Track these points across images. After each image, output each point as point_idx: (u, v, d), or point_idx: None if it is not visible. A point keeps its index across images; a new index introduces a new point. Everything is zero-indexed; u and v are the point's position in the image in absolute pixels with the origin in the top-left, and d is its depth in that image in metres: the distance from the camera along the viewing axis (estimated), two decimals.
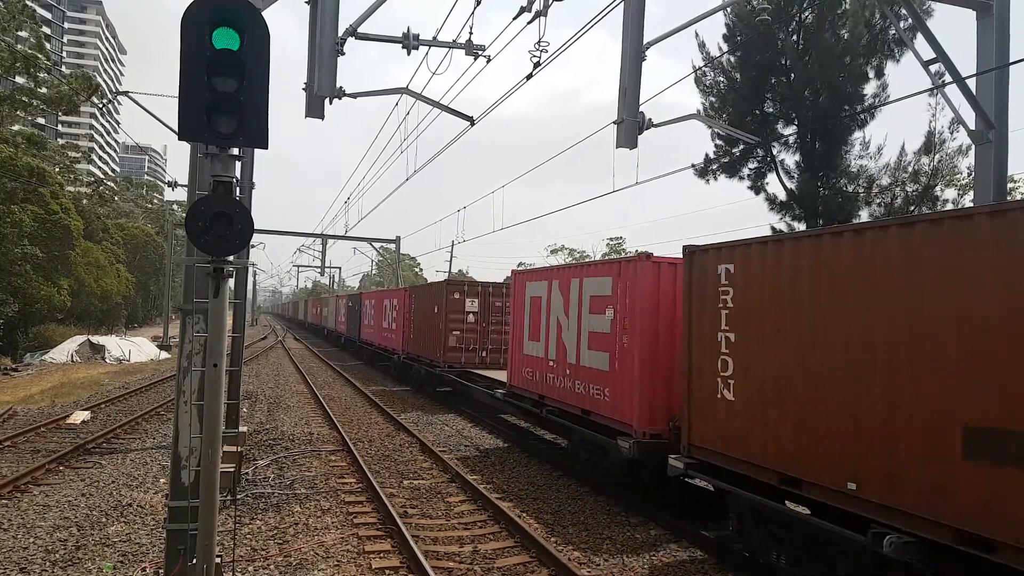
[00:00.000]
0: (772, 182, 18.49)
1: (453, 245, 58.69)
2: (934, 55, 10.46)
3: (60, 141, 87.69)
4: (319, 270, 63.88)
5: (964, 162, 16.01)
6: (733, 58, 18.44)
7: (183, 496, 5.37)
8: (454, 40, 11.46)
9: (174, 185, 31.79)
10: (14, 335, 37.68)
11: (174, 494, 5.53)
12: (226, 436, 6.89)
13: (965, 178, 16.12)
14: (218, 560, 4.89)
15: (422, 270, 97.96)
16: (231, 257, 4.45)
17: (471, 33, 11.47)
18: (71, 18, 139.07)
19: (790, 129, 18.12)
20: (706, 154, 19.16)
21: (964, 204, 16.32)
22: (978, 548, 5.48)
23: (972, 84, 10.56)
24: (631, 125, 10.95)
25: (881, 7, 14.03)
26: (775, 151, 18.21)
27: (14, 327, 37.31)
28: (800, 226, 17.78)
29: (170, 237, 45.23)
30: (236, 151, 4.51)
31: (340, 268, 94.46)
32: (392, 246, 47.74)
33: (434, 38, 11.45)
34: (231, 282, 4.81)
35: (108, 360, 35.33)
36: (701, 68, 18.47)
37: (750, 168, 18.78)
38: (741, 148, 18.44)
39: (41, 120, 67.53)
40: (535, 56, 10.92)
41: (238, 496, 10.42)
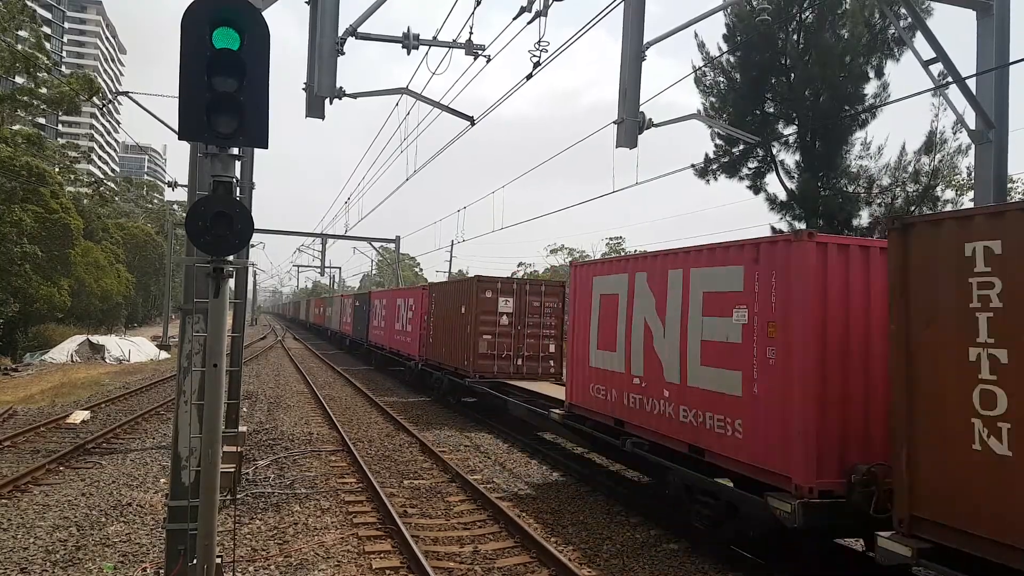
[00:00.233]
0: (772, 182, 18.51)
1: (453, 245, 58.76)
2: (934, 55, 10.46)
3: (60, 141, 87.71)
4: (319, 270, 63.94)
5: (964, 162, 16.02)
6: (733, 58, 18.44)
7: (183, 496, 5.37)
8: (454, 40, 11.46)
9: (174, 185, 31.80)
10: (14, 335, 37.69)
11: (174, 494, 5.53)
12: (226, 436, 6.89)
13: (964, 178, 16.13)
14: (218, 560, 4.89)
15: (422, 270, 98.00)
16: (231, 257, 4.46)
17: (471, 33, 11.48)
18: (71, 18, 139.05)
19: (790, 129, 18.12)
20: (706, 154, 19.18)
21: (963, 204, 16.32)
22: None
23: (972, 84, 10.56)
24: (631, 125, 10.96)
25: (881, 6, 14.03)
26: (775, 151, 18.22)
27: (14, 327, 37.32)
28: (800, 226, 17.79)
29: (170, 237, 45.24)
30: (236, 151, 4.52)
31: (340, 268, 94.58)
32: (392, 246, 47.77)
33: (434, 38, 11.46)
34: (231, 282, 4.81)
35: (108, 360, 35.34)
36: (701, 68, 18.47)
37: (750, 168, 18.79)
38: (741, 148, 18.44)
39: (41, 120, 67.48)
40: (535, 56, 10.93)
41: (238, 496, 10.42)
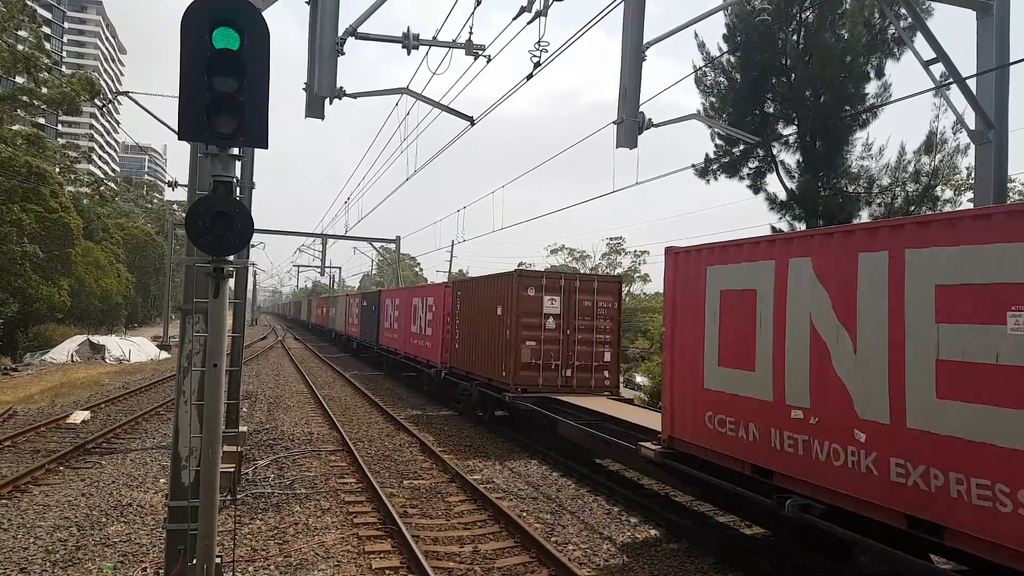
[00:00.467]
0: (772, 182, 18.50)
1: (453, 245, 58.73)
2: (934, 55, 10.46)
3: (60, 141, 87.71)
4: (319, 270, 63.95)
5: (964, 162, 16.02)
6: (733, 58, 18.44)
7: (183, 496, 5.37)
8: (454, 40, 11.46)
9: (174, 185, 31.79)
10: (14, 335, 37.69)
11: (174, 494, 5.53)
12: (226, 436, 6.89)
13: (963, 178, 16.11)
14: (218, 560, 4.89)
15: (422, 270, 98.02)
16: (231, 257, 4.46)
17: (471, 33, 11.48)
18: (71, 18, 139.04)
19: (790, 129, 18.12)
20: (706, 154, 19.18)
21: (962, 204, 16.30)
22: None
23: (972, 84, 10.56)
24: (631, 125, 10.96)
25: (881, 7, 14.03)
26: (775, 151, 18.22)
27: (14, 327, 37.32)
28: (800, 226, 17.79)
29: (170, 237, 45.24)
30: (236, 151, 4.52)
31: (340, 268, 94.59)
32: (392, 246, 47.77)
33: (434, 38, 11.46)
34: (231, 282, 4.81)
35: (108, 360, 35.33)
36: (701, 68, 18.47)
37: (750, 168, 18.78)
38: (741, 148, 18.44)
39: (41, 120, 67.53)
40: (535, 56, 10.93)
41: (238, 496, 10.42)
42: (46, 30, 78.32)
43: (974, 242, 5.83)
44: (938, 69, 11.00)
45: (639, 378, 27.28)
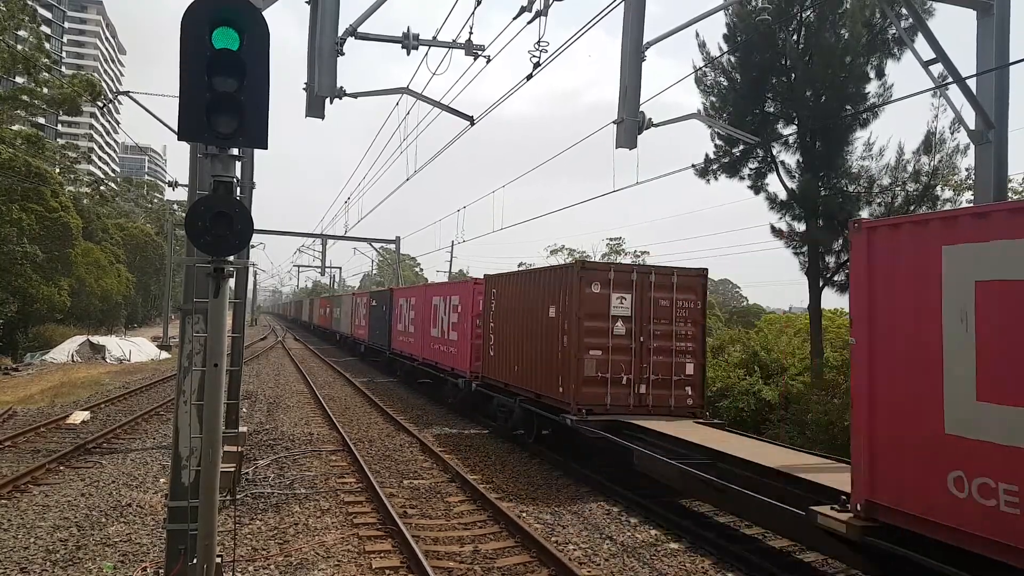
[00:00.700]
0: (772, 182, 18.48)
1: (453, 245, 58.74)
2: (934, 55, 10.46)
3: (60, 141, 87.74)
4: (319, 270, 63.98)
5: (964, 162, 16.02)
6: (733, 58, 18.43)
7: (183, 496, 5.37)
8: (454, 40, 11.47)
9: (174, 185, 31.80)
10: (14, 335, 37.71)
11: (174, 494, 5.53)
12: (226, 436, 6.89)
13: (963, 178, 16.10)
14: (218, 560, 4.89)
15: (422, 270, 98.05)
16: (231, 257, 4.46)
17: (471, 33, 11.48)
18: (71, 18, 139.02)
19: (790, 129, 18.11)
20: (706, 154, 19.16)
21: (961, 204, 16.27)
22: None
23: (972, 84, 10.56)
24: (631, 125, 10.96)
25: (881, 6, 14.03)
26: (775, 151, 18.21)
27: (14, 327, 37.35)
28: (800, 226, 17.79)
29: (170, 237, 45.25)
30: (236, 151, 4.52)
31: (340, 268, 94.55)
32: (392, 246, 47.79)
33: (434, 38, 11.46)
34: (231, 282, 4.81)
35: (108, 360, 35.35)
36: (701, 68, 18.47)
37: (750, 168, 18.77)
38: (741, 148, 18.43)
39: (41, 120, 67.56)
40: (535, 56, 10.93)
41: (238, 496, 10.42)
42: (46, 30, 78.36)
43: None
44: (938, 69, 11.01)
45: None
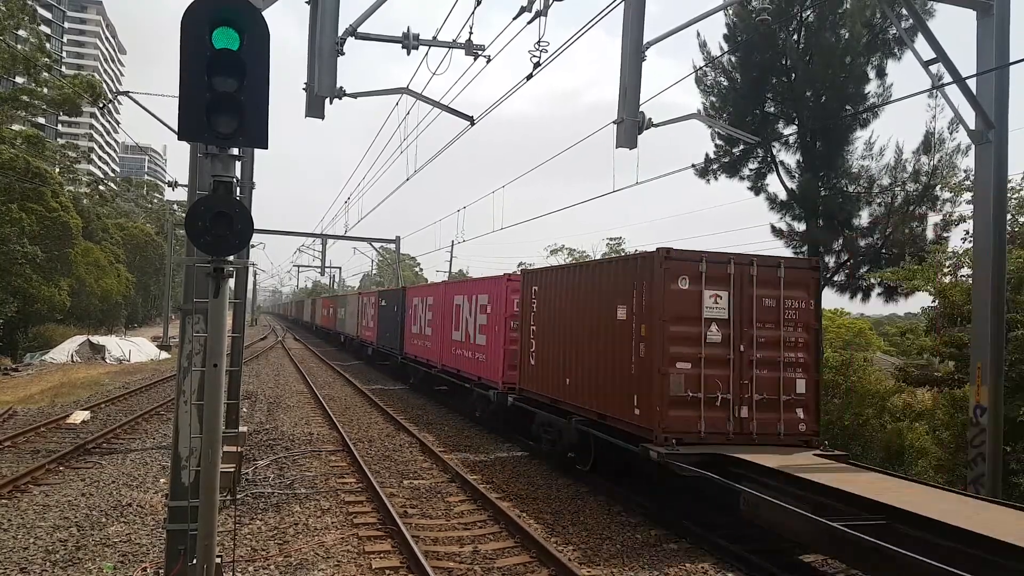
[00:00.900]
0: (772, 182, 18.48)
1: (453, 245, 58.69)
2: (934, 55, 10.47)
3: (60, 141, 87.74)
4: (319, 270, 63.98)
5: (964, 162, 16.02)
6: (734, 58, 18.43)
7: (183, 496, 5.38)
8: (454, 40, 11.45)
9: (174, 185, 31.80)
10: (14, 335, 37.73)
11: (174, 494, 5.54)
12: (226, 436, 6.89)
13: (961, 179, 16.09)
14: (218, 560, 4.89)
15: (422, 270, 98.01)
16: (231, 257, 4.46)
17: (471, 33, 11.47)
18: (71, 18, 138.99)
19: (790, 129, 18.11)
20: (706, 154, 19.16)
21: (960, 204, 16.26)
22: None
23: (972, 84, 10.56)
24: (631, 125, 10.94)
25: (882, 7, 14.03)
26: (775, 151, 18.21)
27: (14, 327, 37.36)
28: (800, 226, 17.79)
29: (170, 237, 45.26)
30: (236, 151, 4.52)
31: (340, 268, 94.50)
32: (392, 246, 47.78)
33: (434, 38, 11.45)
34: (231, 282, 4.81)
35: (108, 360, 35.35)
36: (702, 68, 18.47)
37: (750, 168, 18.76)
38: (741, 148, 18.43)
39: (41, 120, 67.59)
40: (535, 56, 10.92)
41: (238, 496, 10.42)
42: (46, 30, 78.38)
43: None
44: (938, 69, 11.02)
45: None
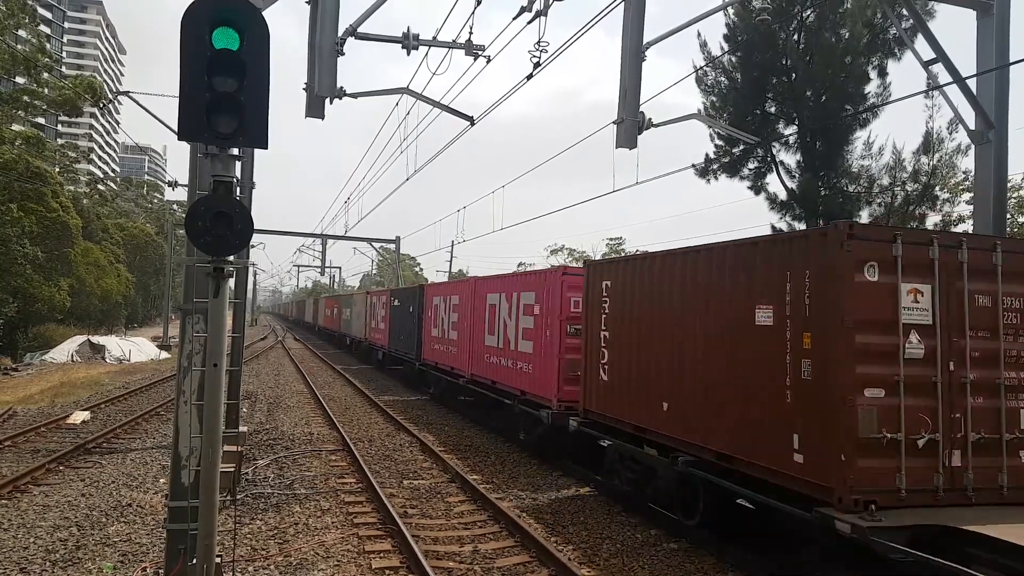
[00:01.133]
0: (772, 182, 18.51)
1: (453, 245, 58.74)
2: (934, 55, 10.47)
3: (60, 141, 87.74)
4: (319, 270, 64.00)
5: (964, 162, 16.04)
6: (734, 58, 18.44)
7: (183, 496, 5.37)
8: (454, 40, 11.46)
9: (174, 185, 31.78)
10: (14, 335, 37.73)
11: (174, 494, 5.53)
12: (226, 436, 6.89)
13: (959, 180, 16.12)
14: (218, 560, 4.89)
15: (422, 270, 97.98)
16: (231, 257, 4.46)
17: (471, 33, 11.47)
18: (71, 18, 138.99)
19: (791, 129, 18.12)
20: (706, 154, 19.18)
21: (959, 204, 16.29)
22: None
23: (972, 84, 10.56)
24: (631, 125, 10.95)
25: (882, 7, 14.04)
26: (775, 151, 18.23)
27: (14, 327, 37.36)
28: (800, 226, 17.79)
29: (170, 237, 45.25)
30: (236, 151, 4.52)
31: (340, 268, 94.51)
32: (392, 246, 47.78)
33: (434, 38, 11.46)
34: (231, 282, 4.81)
35: (108, 360, 35.34)
36: (702, 68, 18.47)
37: (750, 168, 18.79)
38: (741, 148, 18.44)
39: (41, 120, 67.60)
40: (535, 56, 10.92)
41: (238, 496, 10.42)
42: (46, 30, 78.40)
43: None
44: (937, 69, 11.02)
45: None
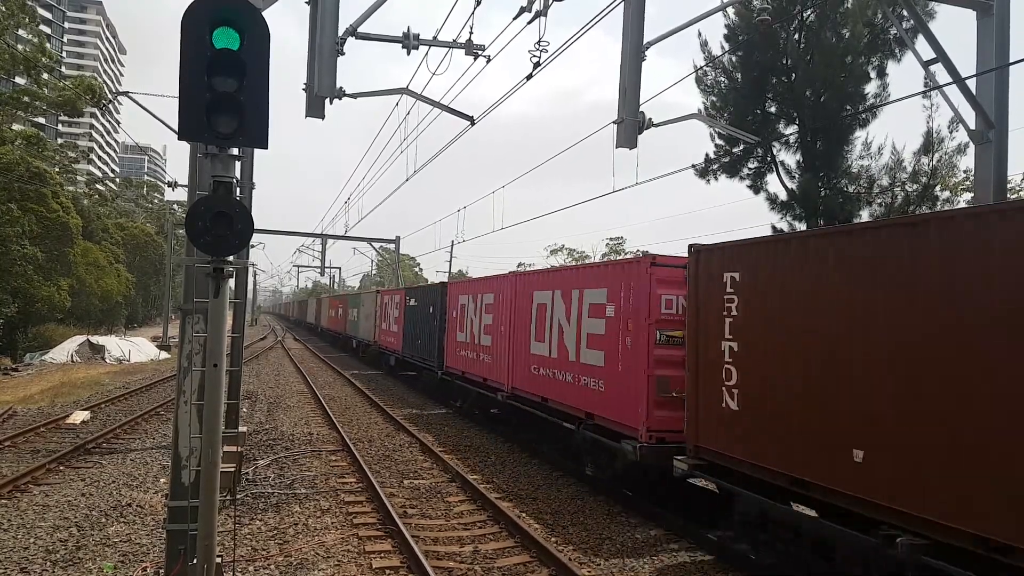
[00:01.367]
0: (772, 182, 18.50)
1: (453, 245, 58.75)
2: (935, 55, 10.46)
3: (60, 141, 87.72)
4: (319, 270, 63.99)
5: (964, 162, 16.04)
6: (734, 58, 18.44)
7: (183, 496, 5.37)
8: (454, 40, 11.46)
9: (174, 185, 31.78)
10: (14, 335, 37.73)
11: (174, 494, 5.53)
12: (226, 436, 6.89)
13: (960, 179, 16.13)
14: (218, 560, 4.89)
15: (422, 270, 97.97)
16: (231, 257, 4.46)
17: (471, 33, 11.47)
18: (71, 18, 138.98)
19: (791, 129, 18.12)
20: (706, 154, 19.17)
21: (959, 205, 16.29)
22: None
23: (972, 84, 10.56)
24: (631, 125, 10.95)
25: (882, 7, 14.04)
26: (775, 151, 18.22)
27: (14, 327, 37.37)
28: (801, 226, 17.79)
29: (170, 237, 45.23)
30: (236, 151, 4.52)
31: (340, 268, 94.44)
32: (392, 246, 47.78)
33: (434, 38, 11.45)
34: (231, 282, 4.81)
35: (108, 360, 35.33)
36: (702, 68, 18.47)
37: (750, 168, 18.78)
38: (741, 148, 18.44)
39: (41, 120, 67.58)
40: (535, 56, 10.92)
41: (238, 496, 10.42)
42: (46, 30, 78.39)
43: None
44: (937, 69, 11.00)
45: None
